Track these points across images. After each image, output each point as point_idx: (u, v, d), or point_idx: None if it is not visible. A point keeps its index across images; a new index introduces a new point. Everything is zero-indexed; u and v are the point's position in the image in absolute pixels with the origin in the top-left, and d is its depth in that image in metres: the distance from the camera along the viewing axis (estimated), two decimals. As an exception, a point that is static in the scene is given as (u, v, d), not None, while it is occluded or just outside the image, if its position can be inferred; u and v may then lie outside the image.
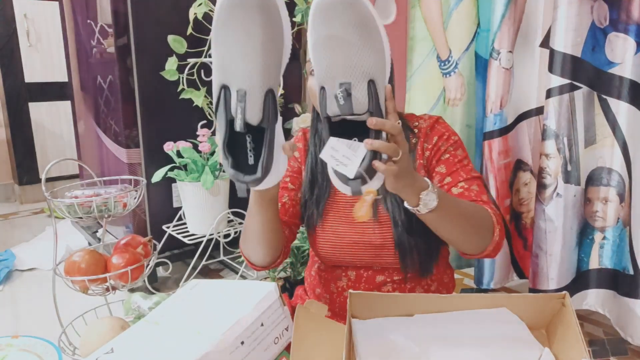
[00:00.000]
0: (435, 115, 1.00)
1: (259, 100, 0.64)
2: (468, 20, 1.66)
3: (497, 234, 0.86)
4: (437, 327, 0.77)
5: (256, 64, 0.64)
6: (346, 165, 0.66)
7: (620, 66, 1.35)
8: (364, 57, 0.66)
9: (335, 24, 0.65)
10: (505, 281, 1.77)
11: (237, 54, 0.64)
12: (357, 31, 0.65)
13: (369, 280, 0.98)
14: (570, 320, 0.72)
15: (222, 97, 0.65)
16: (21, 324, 1.76)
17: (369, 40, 0.66)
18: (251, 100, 0.64)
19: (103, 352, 0.72)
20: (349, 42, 0.65)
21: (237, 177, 0.67)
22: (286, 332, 0.78)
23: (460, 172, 0.92)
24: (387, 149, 0.65)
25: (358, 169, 0.65)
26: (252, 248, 0.93)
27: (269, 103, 0.65)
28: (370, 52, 0.66)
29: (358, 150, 0.66)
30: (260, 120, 0.65)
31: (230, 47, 0.64)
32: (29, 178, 3.29)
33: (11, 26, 3.07)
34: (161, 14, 1.84)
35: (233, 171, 0.67)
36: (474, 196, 0.90)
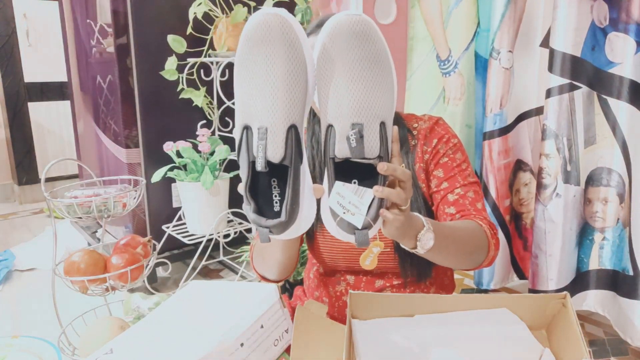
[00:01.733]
0: (435, 117, 0.99)
1: (280, 136, 0.60)
2: (468, 20, 1.65)
3: (492, 249, 0.85)
4: (437, 328, 0.77)
5: (276, 99, 0.60)
6: (354, 214, 0.62)
7: (620, 66, 1.35)
8: (376, 97, 0.62)
9: (348, 57, 0.61)
10: (505, 282, 1.77)
11: (257, 90, 0.61)
12: (371, 68, 0.62)
13: (368, 285, 0.98)
14: (570, 320, 0.72)
15: (244, 138, 0.61)
16: (21, 324, 1.75)
17: (382, 79, 0.63)
18: (272, 137, 0.59)
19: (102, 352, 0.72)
20: (362, 79, 0.61)
21: (259, 222, 0.62)
22: (286, 334, 0.78)
23: (457, 178, 0.92)
24: (396, 197, 0.62)
25: (366, 217, 0.61)
26: (269, 269, 0.93)
27: (292, 139, 0.60)
28: (383, 91, 0.62)
29: (364, 197, 0.62)
30: (282, 157, 0.60)
31: (250, 84, 0.61)
32: (29, 178, 3.29)
33: (11, 26, 3.07)
34: (161, 14, 1.83)
35: (255, 216, 0.62)
36: (469, 204, 0.89)
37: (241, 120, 0.62)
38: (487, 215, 0.89)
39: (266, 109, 0.60)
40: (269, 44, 0.60)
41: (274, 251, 0.87)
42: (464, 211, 0.88)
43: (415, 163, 0.95)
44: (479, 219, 0.87)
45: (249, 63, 0.61)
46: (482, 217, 0.87)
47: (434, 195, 0.92)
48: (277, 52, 0.60)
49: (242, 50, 0.62)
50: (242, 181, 0.64)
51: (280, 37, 0.60)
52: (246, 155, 0.62)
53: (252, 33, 0.60)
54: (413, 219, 0.70)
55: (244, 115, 0.62)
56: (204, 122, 1.97)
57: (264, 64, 0.60)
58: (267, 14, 0.60)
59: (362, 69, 0.61)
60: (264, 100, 0.60)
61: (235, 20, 1.76)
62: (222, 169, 1.92)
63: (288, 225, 0.62)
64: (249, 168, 0.62)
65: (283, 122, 0.60)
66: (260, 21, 0.60)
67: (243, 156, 0.62)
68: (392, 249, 0.92)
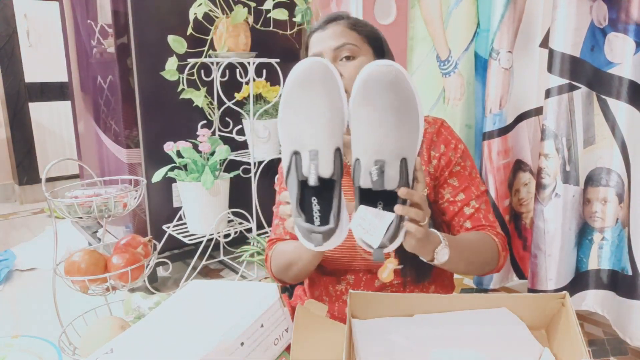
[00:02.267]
0: (439, 119, 1.00)
1: (330, 156, 0.72)
2: (468, 20, 1.66)
3: (502, 260, 0.95)
4: (437, 328, 0.77)
5: (324, 126, 0.72)
6: (372, 235, 0.72)
7: (619, 66, 1.35)
8: (399, 138, 0.70)
9: (376, 104, 0.69)
10: (505, 281, 1.77)
11: (307, 120, 0.72)
12: (397, 114, 0.69)
13: (368, 284, 0.98)
14: (570, 320, 0.72)
15: (293, 162, 0.73)
16: (21, 323, 1.76)
17: (407, 122, 0.71)
18: (323, 157, 0.71)
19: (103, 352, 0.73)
20: (387, 123, 0.69)
21: (312, 229, 0.72)
22: (286, 333, 0.78)
23: (471, 188, 0.97)
24: (416, 215, 0.72)
25: (382, 238, 0.71)
26: (293, 278, 0.99)
27: (338, 158, 0.72)
28: (407, 133, 0.71)
29: (384, 219, 0.72)
30: (332, 173, 0.72)
31: (300, 117, 0.72)
32: (29, 178, 3.29)
33: (11, 26, 3.07)
34: (161, 14, 1.84)
35: (308, 225, 0.73)
36: (483, 217, 0.96)
37: (290, 148, 0.73)
38: (498, 227, 0.97)
39: (316, 135, 0.72)
40: (314, 82, 0.72)
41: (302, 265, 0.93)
42: (479, 225, 0.96)
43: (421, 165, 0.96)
44: (492, 233, 0.95)
45: (297, 100, 0.73)
46: (495, 231, 0.95)
47: (449, 206, 0.97)
48: (320, 88, 0.72)
49: (289, 90, 0.74)
50: (292, 199, 0.74)
51: (322, 78, 0.72)
52: (295, 176, 0.73)
53: (299, 76, 0.73)
54: (431, 235, 0.80)
55: (292, 144, 0.73)
56: (204, 122, 1.98)
57: (312, 99, 0.72)
58: (311, 61, 0.73)
59: (389, 114, 0.69)
60: (314, 128, 0.72)
61: (235, 20, 1.76)
62: (222, 169, 1.92)
63: (334, 231, 0.73)
64: (298, 187, 0.73)
65: (330, 145, 0.72)
66: (306, 66, 0.72)
67: (292, 177, 0.73)
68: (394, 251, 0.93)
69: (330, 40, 0.91)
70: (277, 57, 1.89)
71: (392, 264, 0.78)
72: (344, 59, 0.91)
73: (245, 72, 1.88)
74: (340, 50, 0.90)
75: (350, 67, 0.90)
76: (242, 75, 1.87)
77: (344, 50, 0.90)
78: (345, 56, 0.90)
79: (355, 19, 0.95)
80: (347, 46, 0.90)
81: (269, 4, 1.84)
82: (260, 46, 1.91)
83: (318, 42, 0.92)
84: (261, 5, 1.87)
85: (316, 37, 0.93)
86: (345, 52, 0.90)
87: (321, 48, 0.91)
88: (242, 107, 1.91)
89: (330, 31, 0.91)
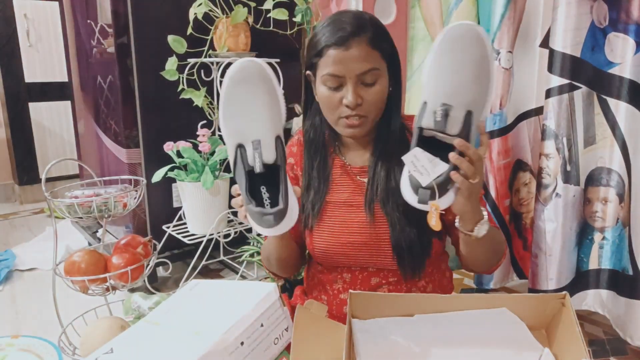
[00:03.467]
0: None
1: (272, 143, 0.78)
2: (468, 20, 1.66)
3: (503, 259, 0.98)
4: (437, 328, 0.77)
5: (264, 117, 0.78)
6: (422, 174, 0.75)
7: (619, 66, 1.35)
8: (470, 91, 0.74)
9: (460, 53, 0.75)
10: (505, 281, 1.77)
11: (247, 114, 0.79)
12: (475, 68, 0.74)
13: (364, 283, 0.98)
14: (570, 320, 0.72)
15: (239, 154, 0.79)
16: (21, 324, 1.76)
17: (481, 79, 0.75)
18: (265, 145, 0.78)
19: (103, 352, 0.73)
20: (463, 74, 0.74)
21: (263, 212, 0.77)
22: (286, 333, 0.78)
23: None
24: (467, 168, 0.74)
25: (432, 180, 0.74)
26: (278, 269, 1.05)
27: (280, 146, 0.79)
28: (478, 88, 0.75)
29: (437, 167, 0.75)
30: (275, 159, 0.78)
31: (240, 111, 0.79)
32: (29, 178, 3.29)
33: (11, 26, 3.07)
34: (161, 14, 1.84)
35: (259, 209, 0.78)
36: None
37: (234, 141, 0.79)
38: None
39: (256, 126, 0.78)
40: (251, 79, 0.79)
41: (273, 254, 0.99)
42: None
43: None
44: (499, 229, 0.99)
45: (236, 96, 0.79)
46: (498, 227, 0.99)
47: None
48: (259, 84, 0.79)
49: (229, 85, 0.79)
50: (242, 189, 0.79)
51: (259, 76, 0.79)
52: (242, 166, 0.79)
53: (236, 74, 0.79)
54: (479, 205, 0.82)
55: (235, 137, 0.79)
56: (204, 122, 1.97)
57: (250, 94, 0.79)
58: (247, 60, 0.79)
59: (467, 65, 0.74)
60: (254, 121, 0.78)
61: (235, 20, 1.76)
62: (222, 169, 1.92)
63: (284, 212, 0.78)
64: (246, 177, 0.79)
65: (271, 134, 0.79)
66: (243, 66, 0.78)
67: (239, 168, 0.79)
68: (389, 246, 0.93)
69: (353, 64, 0.86)
70: (277, 57, 1.89)
71: (434, 209, 0.78)
72: (366, 84, 0.88)
73: (245, 72, 1.87)
74: (364, 76, 0.87)
75: (372, 93, 0.89)
76: (242, 75, 1.86)
77: (367, 77, 0.87)
78: (367, 83, 0.88)
79: (377, 29, 0.90)
80: (372, 72, 0.87)
81: (269, 4, 1.83)
82: (260, 46, 1.91)
83: (339, 63, 0.87)
84: (261, 5, 1.87)
85: (336, 55, 0.87)
86: (368, 79, 0.88)
87: (344, 72, 0.87)
88: (242, 107, 1.91)
89: (354, 52, 0.86)
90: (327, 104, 0.91)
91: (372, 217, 0.94)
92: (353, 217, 0.96)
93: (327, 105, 0.92)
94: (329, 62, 0.87)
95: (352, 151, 1.02)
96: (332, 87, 0.89)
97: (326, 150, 1.02)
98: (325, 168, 1.00)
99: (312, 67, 0.92)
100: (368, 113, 0.90)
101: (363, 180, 0.98)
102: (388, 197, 0.94)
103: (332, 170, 1.01)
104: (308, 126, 1.02)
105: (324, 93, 0.91)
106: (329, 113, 0.93)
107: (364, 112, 0.89)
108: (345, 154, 1.02)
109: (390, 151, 0.96)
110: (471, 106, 0.74)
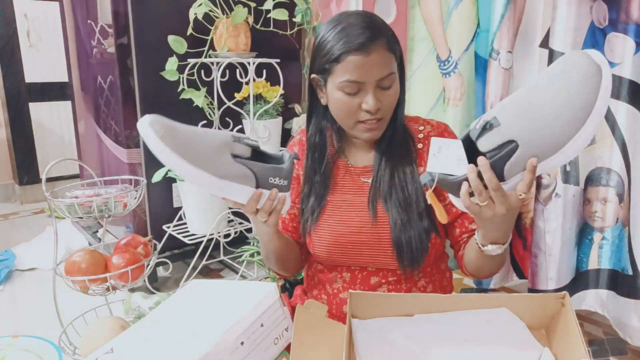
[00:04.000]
0: (442, 123, 1.01)
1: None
2: (468, 20, 1.66)
3: (503, 266, 0.94)
4: (437, 327, 0.77)
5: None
6: (438, 163, 0.72)
7: (619, 66, 1.35)
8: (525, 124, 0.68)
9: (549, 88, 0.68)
10: (505, 281, 1.77)
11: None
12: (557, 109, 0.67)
13: (364, 282, 0.98)
14: (570, 320, 0.72)
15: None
16: (21, 324, 1.76)
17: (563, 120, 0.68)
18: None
19: (103, 352, 0.73)
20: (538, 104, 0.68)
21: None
22: (286, 333, 0.78)
23: None
24: (488, 178, 0.70)
25: (436, 172, 0.72)
26: (280, 268, 1.04)
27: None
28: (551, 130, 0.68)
29: (457, 166, 0.72)
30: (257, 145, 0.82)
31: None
32: (29, 178, 3.29)
33: (11, 26, 3.07)
34: (161, 14, 1.84)
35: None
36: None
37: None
38: None
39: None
40: None
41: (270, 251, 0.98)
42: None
43: (420, 165, 0.97)
44: None
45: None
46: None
47: (451, 207, 0.96)
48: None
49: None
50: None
51: None
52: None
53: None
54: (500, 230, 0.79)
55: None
56: (204, 122, 1.97)
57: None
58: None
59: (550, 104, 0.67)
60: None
61: (235, 20, 1.77)
62: (222, 169, 1.92)
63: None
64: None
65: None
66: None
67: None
68: (389, 244, 0.93)
69: (375, 70, 0.86)
70: (277, 57, 1.89)
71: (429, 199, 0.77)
72: (383, 88, 0.88)
73: (245, 72, 1.88)
74: (383, 80, 0.87)
75: (389, 96, 0.89)
76: (242, 75, 1.87)
77: (385, 81, 0.87)
78: (385, 87, 0.88)
79: (390, 32, 0.89)
80: (390, 76, 0.88)
81: (269, 4, 1.84)
82: (260, 46, 1.91)
83: (360, 69, 0.85)
84: (261, 5, 1.87)
85: (358, 61, 0.85)
86: (386, 83, 0.88)
87: (365, 78, 0.86)
88: (242, 107, 1.91)
89: (375, 58, 0.85)
90: (344, 110, 0.90)
91: (375, 215, 0.94)
92: (354, 217, 0.97)
93: (345, 111, 0.90)
94: (349, 68, 0.85)
95: (356, 152, 1.02)
96: (351, 92, 0.88)
97: (330, 155, 1.02)
98: (329, 173, 1.01)
99: (323, 72, 0.90)
100: (385, 115, 0.91)
101: (366, 180, 0.99)
102: (391, 194, 0.94)
103: (335, 172, 1.01)
104: (313, 130, 1.01)
105: (340, 99, 0.89)
106: (346, 118, 0.91)
107: (381, 115, 0.90)
108: (349, 155, 1.02)
109: (394, 150, 0.96)
110: (519, 137, 0.68)
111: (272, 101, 1.88)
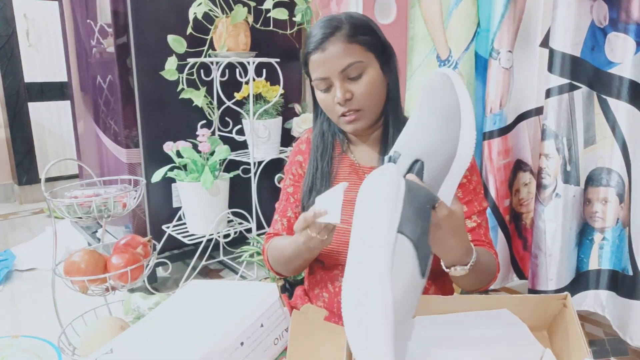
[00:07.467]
0: None
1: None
2: (468, 20, 1.65)
3: (493, 282, 0.95)
4: (437, 329, 0.77)
5: None
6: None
7: (619, 66, 1.35)
8: (424, 140, 0.71)
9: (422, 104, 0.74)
10: (505, 282, 1.77)
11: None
12: (432, 117, 0.72)
13: None
14: (571, 321, 0.72)
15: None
16: (21, 324, 1.76)
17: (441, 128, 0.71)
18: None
19: (102, 352, 0.72)
20: (422, 123, 0.73)
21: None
22: (286, 333, 0.78)
23: (474, 203, 0.97)
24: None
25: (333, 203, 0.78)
26: (289, 271, 1.02)
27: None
28: (435, 137, 0.71)
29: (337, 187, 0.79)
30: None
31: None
32: (29, 178, 3.29)
33: (11, 26, 3.07)
34: (161, 13, 1.83)
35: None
36: (483, 234, 0.97)
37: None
38: (494, 249, 0.98)
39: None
40: None
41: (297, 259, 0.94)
42: (479, 241, 0.96)
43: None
44: (492, 252, 0.95)
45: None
46: (493, 250, 0.97)
47: None
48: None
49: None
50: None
51: None
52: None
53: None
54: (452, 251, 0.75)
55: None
56: (204, 122, 1.97)
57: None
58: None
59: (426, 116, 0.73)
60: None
61: (235, 20, 1.76)
62: (222, 169, 1.92)
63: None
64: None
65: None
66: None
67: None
68: None
69: (333, 62, 0.89)
70: (277, 57, 1.89)
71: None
72: (352, 79, 0.90)
73: (245, 72, 1.87)
74: (346, 71, 0.89)
75: (360, 85, 0.90)
76: (241, 75, 1.87)
77: (350, 71, 0.89)
78: (353, 77, 0.89)
79: (352, 24, 0.90)
80: (353, 66, 0.89)
81: (269, 4, 1.83)
82: (260, 46, 1.90)
83: (320, 66, 0.90)
84: (261, 4, 1.87)
85: (316, 59, 0.90)
86: (352, 73, 0.89)
87: (326, 73, 0.89)
88: (242, 107, 1.91)
89: (331, 52, 0.88)
90: (324, 106, 0.95)
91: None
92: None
93: (325, 108, 0.95)
94: (313, 67, 0.92)
95: (360, 150, 1.03)
96: (323, 89, 0.93)
97: (334, 152, 1.04)
98: (331, 170, 1.01)
99: (307, 75, 0.97)
100: (362, 106, 0.92)
101: None
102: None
103: (340, 169, 1.02)
104: (317, 129, 1.05)
105: (319, 97, 0.95)
106: (329, 114, 0.96)
107: (357, 105, 0.91)
108: (355, 152, 1.04)
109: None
110: (421, 156, 0.70)
111: (271, 101, 1.88)
